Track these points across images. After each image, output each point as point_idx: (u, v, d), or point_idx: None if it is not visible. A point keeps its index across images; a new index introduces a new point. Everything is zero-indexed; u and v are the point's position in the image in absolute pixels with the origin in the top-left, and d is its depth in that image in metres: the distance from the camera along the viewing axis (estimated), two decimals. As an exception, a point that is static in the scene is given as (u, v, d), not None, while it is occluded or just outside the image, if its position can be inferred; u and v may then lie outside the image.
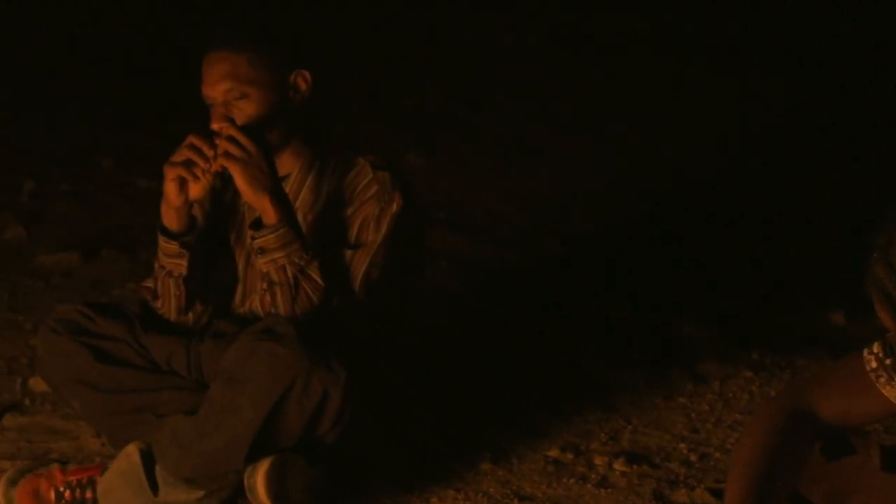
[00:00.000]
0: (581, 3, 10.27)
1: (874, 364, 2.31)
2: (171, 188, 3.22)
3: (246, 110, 3.24)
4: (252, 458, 3.15)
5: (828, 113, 8.16)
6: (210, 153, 3.18)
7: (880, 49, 9.27)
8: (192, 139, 3.19)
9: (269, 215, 3.19)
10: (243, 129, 3.20)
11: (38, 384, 3.97)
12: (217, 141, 3.19)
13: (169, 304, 3.38)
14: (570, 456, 3.63)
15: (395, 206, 3.28)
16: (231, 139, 3.17)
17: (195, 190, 3.22)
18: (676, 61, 9.24)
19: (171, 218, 3.28)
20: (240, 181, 3.17)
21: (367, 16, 10.07)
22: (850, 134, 7.74)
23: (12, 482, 3.36)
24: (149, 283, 3.44)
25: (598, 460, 3.61)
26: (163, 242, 3.31)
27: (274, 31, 3.38)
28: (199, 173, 3.19)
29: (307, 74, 3.32)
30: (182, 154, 3.19)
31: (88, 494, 3.33)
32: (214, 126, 3.24)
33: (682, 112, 8.34)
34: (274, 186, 3.20)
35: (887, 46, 9.19)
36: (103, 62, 8.60)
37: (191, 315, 3.39)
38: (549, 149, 7.68)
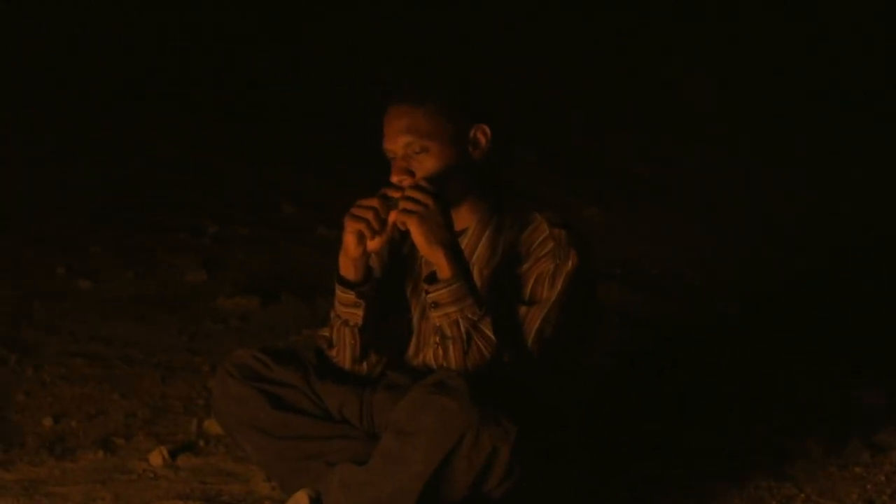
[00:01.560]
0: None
1: None
2: (350, 240, 3.26)
3: (426, 164, 3.27)
4: (420, 509, 3.15)
5: None
6: (389, 210, 3.21)
7: None
8: (376, 201, 3.23)
9: (444, 270, 3.20)
10: (422, 182, 3.23)
11: (213, 426, 4.04)
12: (394, 194, 3.22)
13: (344, 353, 3.42)
14: (740, 522, 3.57)
15: (570, 264, 3.27)
16: (410, 193, 3.20)
17: (374, 242, 3.25)
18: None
19: (348, 268, 3.32)
20: (416, 235, 3.19)
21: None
22: None
23: (185, 522, 3.44)
24: (325, 332, 3.48)
25: (768, 528, 3.54)
26: (340, 292, 3.35)
27: (455, 85, 3.39)
28: (377, 228, 3.23)
29: (487, 129, 3.33)
30: (363, 210, 3.23)
31: (258, 537, 3.38)
32: (394, 179, 3.27)
33: (854, 167, 8.21)
34: (450, 241, 3.21)
35: None
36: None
37: (365, 365, 3.43)
38: (721, 202, 7.62)
